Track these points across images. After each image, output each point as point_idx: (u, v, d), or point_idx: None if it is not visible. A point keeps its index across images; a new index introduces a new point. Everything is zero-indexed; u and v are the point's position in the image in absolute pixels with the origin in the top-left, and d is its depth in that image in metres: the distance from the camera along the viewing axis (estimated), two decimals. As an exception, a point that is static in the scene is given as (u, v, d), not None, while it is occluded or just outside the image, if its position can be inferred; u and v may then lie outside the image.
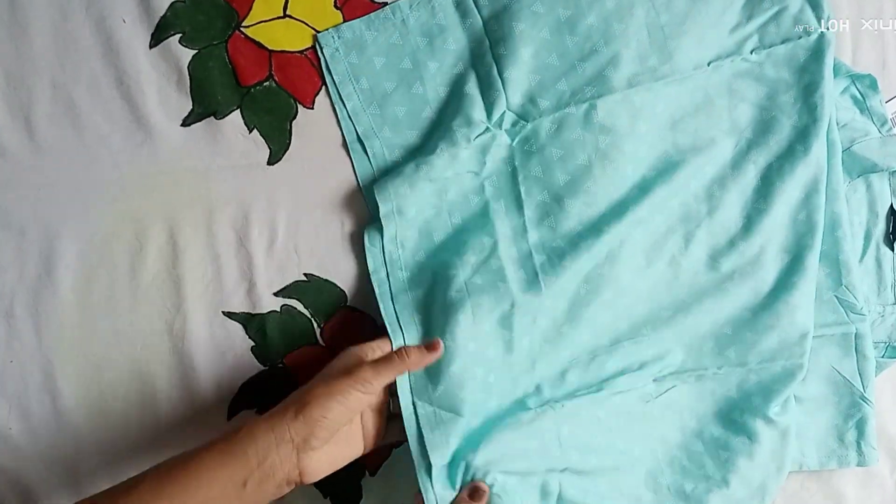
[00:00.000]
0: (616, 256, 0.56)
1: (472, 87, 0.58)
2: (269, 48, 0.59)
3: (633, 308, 0.57)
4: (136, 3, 0.58)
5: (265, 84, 0.60)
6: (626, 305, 0.57)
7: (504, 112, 0.57)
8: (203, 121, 0.59)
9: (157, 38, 0.59)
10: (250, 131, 0.60)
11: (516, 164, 0.58)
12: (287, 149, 0.60)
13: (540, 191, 0.57)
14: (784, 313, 0.56)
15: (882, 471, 0.65)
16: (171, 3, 0.58)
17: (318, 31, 0.60)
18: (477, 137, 0.57)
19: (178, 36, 0.59)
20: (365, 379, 0.47)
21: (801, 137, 0.57)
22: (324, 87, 0.60)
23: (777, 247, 0.58)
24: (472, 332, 0.53)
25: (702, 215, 0.58)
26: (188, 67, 0.59)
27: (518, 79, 0.57)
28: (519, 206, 0.57)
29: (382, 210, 0.56)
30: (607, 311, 0.57)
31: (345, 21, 0.60)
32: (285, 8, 0.59)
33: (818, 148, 0.57)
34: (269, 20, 0.59)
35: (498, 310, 0.54)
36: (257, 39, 0.59)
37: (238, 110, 0.60)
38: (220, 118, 0.59)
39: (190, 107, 0.59)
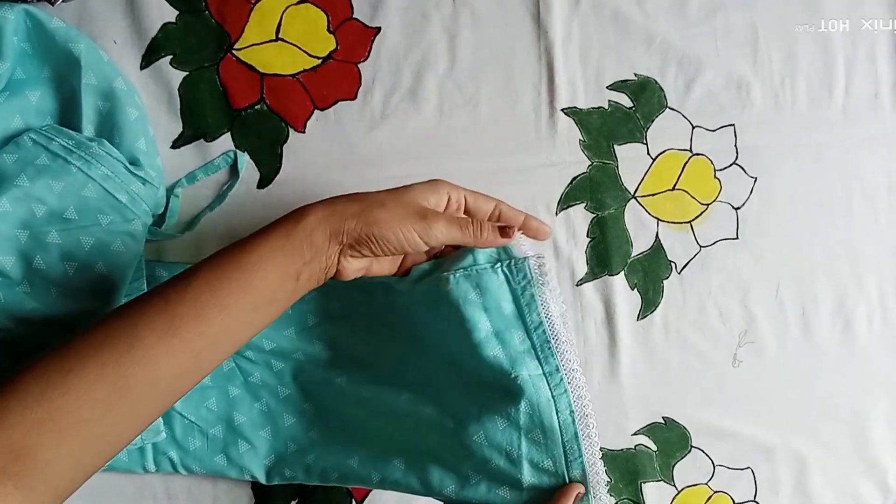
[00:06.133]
0: None
1: None
2: (261, 71, 0.59)
3: None
4: (127, 25, 0.58)
5: (256, 107, 0.59)
6: None
7: None
8: (193, 143, 0.59)
9: (147, 59, 0.58)
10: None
11: None
12: (277, 172, 0.60)
13: None
14: None
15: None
16: (163, 25, 0.58)
17: (313, 56, 0.59)
18: None
19: (170, 57, 0.58)
20: (435, 235, 0.44)
21: None
22: (315, 111, 0.60)
23: None
24: None
25: None
26: (179, 89, 0.58)
27: None
28: None
29: None
30: None
31: (338, 46, 0.60)
32: (278, 31, 0.59)
33: None
34: (262, 43, 0.59)
35: None
36: (249, 62, 0.59)
37: (228, 133, 0.59)
38: (211, 141, 0.59)
39: (180, 129, 0.59)
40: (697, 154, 0.63)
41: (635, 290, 0.63)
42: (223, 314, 0.40)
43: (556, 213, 0.62)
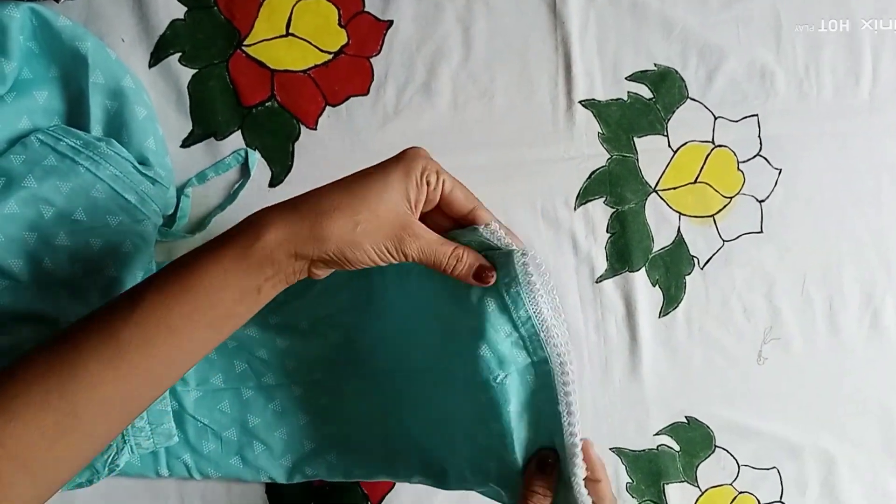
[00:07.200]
0: None
1: None
2: (272, 67, 0.58)
3: None
4: (135, 22, 0.57)
5: (267, 104, 0.58)
6: None
7: None
8: (203, 142, 0.58)
9: (156, 57, 0.57)
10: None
11: None
12: (289, 171, 0.58)
13: None
14: None
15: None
16: (171, 22, 0.57)
17: (324, 51, 0.58)
18: None
19: (178, 55, 0.57)
20: (408, 254, 0.42)
21: None
22: (327, 108, 0.59)
23: None
24: None
25: None
26: (188, 87, 0.57)
27: None
28: None
29: None
30: None
31: (349, 40, 0.58)
32: (288, 26, 0.58)
33: None
34: (272, 39, 0.58)
35: None
36: (259, 59, 0.58)
37: (239, 131, 0.58)
38: (221, 139, 0.58)
39: (190, 127, 0.58)
40: (720, 146, 0.61)
41: (657, 286, 0.61)
42: (173, 336, 0.38)
43: (575, 208, 0.60)
